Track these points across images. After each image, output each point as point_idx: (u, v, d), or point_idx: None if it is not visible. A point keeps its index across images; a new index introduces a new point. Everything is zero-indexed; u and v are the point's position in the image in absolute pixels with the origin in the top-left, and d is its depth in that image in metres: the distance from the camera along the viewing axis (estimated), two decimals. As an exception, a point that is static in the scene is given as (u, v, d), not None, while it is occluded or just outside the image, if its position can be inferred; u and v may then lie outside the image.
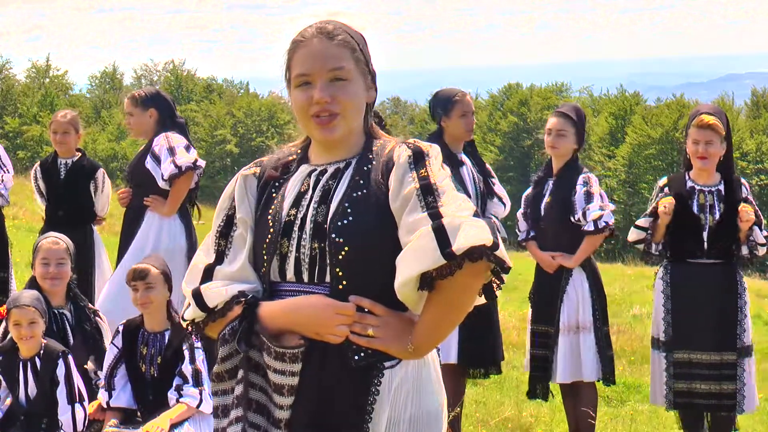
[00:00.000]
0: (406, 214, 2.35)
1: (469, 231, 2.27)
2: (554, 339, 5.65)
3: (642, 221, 5.55)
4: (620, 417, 7.07)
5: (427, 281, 2.29)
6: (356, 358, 2.37)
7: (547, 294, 5.75)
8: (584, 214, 5.56)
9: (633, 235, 5.60)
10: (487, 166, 6.04)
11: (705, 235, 5.41)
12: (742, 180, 5.64)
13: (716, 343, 5.39)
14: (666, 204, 5.36)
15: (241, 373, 2.43)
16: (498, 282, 2.37)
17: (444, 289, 2.31)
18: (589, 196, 5.59)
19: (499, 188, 5.95)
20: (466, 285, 2.32)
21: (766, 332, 11.89)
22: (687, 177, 5.51)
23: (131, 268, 4.94)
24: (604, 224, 5.55)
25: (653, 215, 5.48)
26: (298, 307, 2.40)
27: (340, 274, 2.38)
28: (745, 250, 5.44)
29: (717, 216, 5.40)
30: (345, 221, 2.39)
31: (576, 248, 5.67)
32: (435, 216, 2.30)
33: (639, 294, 14.30)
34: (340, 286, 2.38)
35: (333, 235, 2.38)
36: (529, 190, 5.97)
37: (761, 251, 5.45)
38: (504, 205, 5.92)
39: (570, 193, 5.64)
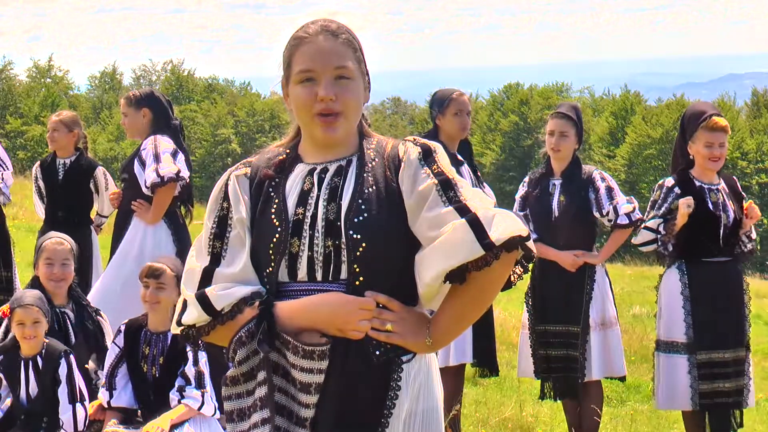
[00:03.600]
0: (426, 209, 2.37)
1: (504, 222, 2.32)
2: (583, 337, 5.59)
3: (652, 223, 5.49)
4: (620, 417, 7.07)
5: (458, 274, 2.32)
6: (377, 353, 2.38)
7: (563, 293, 5.68)
8: (615, 209, 5.57)
9: (642, 237, 5.53)
10: (476, 168, 6.03)
11: (721, 233, 5.42)
12: (734, 177, 5.70)
13: (733, 341, 5.42)
14: (689, 203, 5.33)
15: (261, 375, 2.40)
16: (521, 272, 2.42)
17: (476, 281, 2.35)
18: (611, 191, 5.63)
19: (488, 190, 5.95)
20: (499, 275, 2.37)
21: (766, 332, 11.89)
22: (692, 177, 5.50)
23: (146, 265, 4.93)
24: (637, 216, 5.59)
25: (663, 216, 5.44)
26: (319, 305, 2.39)
27: (357, 270, 2.38)
28: (743, 246, 5.50)
29: (730, 213, 5.42)
30: (360, 217, 2.39)
31: (591, 245, 5.71)
32: (463, 210, 2.35)
33: (639, 294, 14.29)
34: (357, 282, 2.39)
35: (350, 232, 2.38)
36: (523, 191, 5.92)
37: (751, 246, 5.52)
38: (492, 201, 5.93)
39: (586, 191, 5.65)
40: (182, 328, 2.52)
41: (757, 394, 5.84)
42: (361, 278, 2.39)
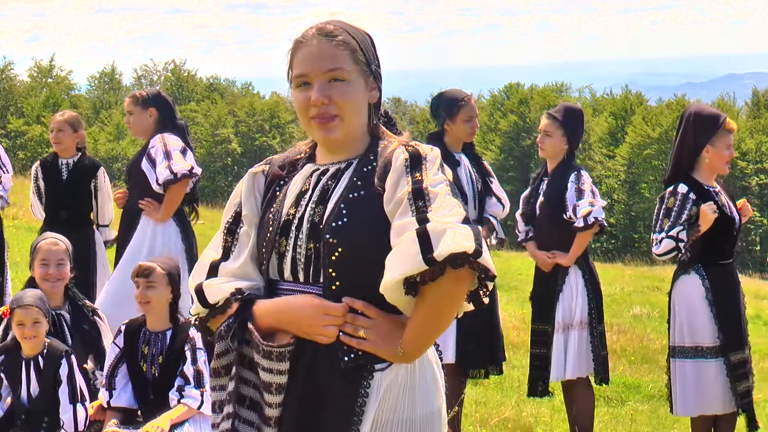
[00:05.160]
0: (397, 217, 2.33)
1: (453, 238, 2.23)
2: (551, 337, 5.69)
3: (674, 231, 5.33)
4: (620, 417, 7.08)
5: (411, 286, 2.27)
6: (345, 359, 2.37)
7: (544, 292, 5.80)
8: (574, 211, 5.61)
9: (665, 246, 5.35)
10: (486, 165, 6.06)
11: (735, 234, 5.43)
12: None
13: (746, 340, 5.42)
14: (715, 209, 5.27)
15: (234, 370, 2.46)
16: (484, 290, 2.32)
17: (428, 295, 2.29)
18: (579, 193, 5.64)
19: (497, 188, 5.97)
20: (449, 291, 2.29)
21: (766, 332, 11.89)
22: (698, 181, 5.48)
23: (137, 264, 4.94)
24: (593, 220, 5.58)
25: (685, 224, 5.36)
26: (289, 307, 2.41)
27: (333, 274, 2.38)
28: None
29: (736, 215, 5.43)
30: (339, 222, 2.39)
31: (569, 246, 5.71)
32: (422, 221, 2.28)
33: (639, 294, 14.29)
34: (333, 287, 2.39)
35: (327, 236, 2.38)
36: (526, 191, 6.04)
37: (742, 245, 5.54)
38: (503, 205, 5.95)
39: (562, 192, 5.69)
40: (194, 317, 2.60)
41: (757, 395, 5.83)
42: (337, 283, 2.38)
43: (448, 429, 5.57)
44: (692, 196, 5.36)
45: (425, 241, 2.24)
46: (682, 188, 5.39)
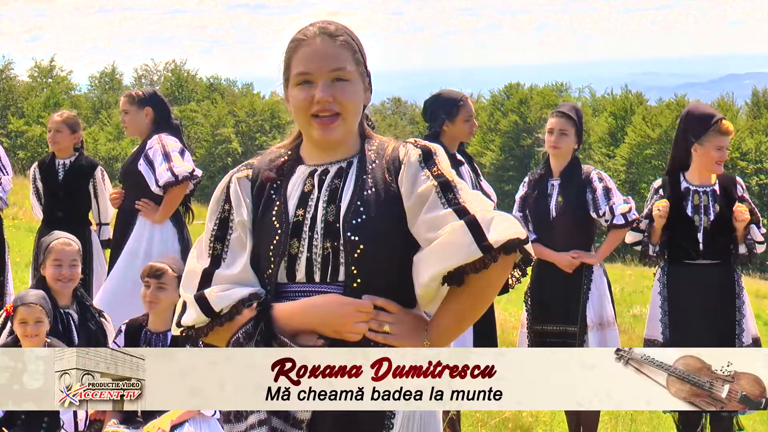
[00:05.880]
0: (425, 211, 2.37)
1: (503, 224, 2.33)
2: (580, 338, 5.61)
3: (641, 225, 5.58)
4: (620, 417, 7.08)
5: (456, 276, 2.32)
6: None
7: (561, 293, 5.70)
8: (611, 209, 5.60)
9: (630, 237, 5.65)
10: (474, 164, 6.03)
11: (700, 236, 5.41)
12: (737, 178, 5.65)
13: (713, 344, 5.34)
14: (660, 207, 5.37)
15: None
16: (519, 275, 2.43)
17: (474, 283, 2.34)
18: (608, 192, 5.66)
19: (486, 186, 5.95)
20: (497, 278, 2.37)
21: (767, 332, 11.90)
22: (682, 178, 5.51)
23: (148, 264, 4.95)
24: (633, 217, 5.62)
25: (649, 218, 5.49)
26: (316, 307, 2.39)
27: (355, 272, 2.38)
28: (743, 249, 5.46)
29: (711, 216, 5.41)
30: (359, 219, 2.40)
31: (589, 245, 5.73)
32: (462, 211, 2.35)
33: (639, 294, 14.31)
34: (355, 284, 2.39)
35: (348, 234, 2.39)
36: (522, 192, 5.94)
37: (760, 249, 5.47)
38: (492, 202, 5.92)
39: (584, 191, 5.68)
40: (182, 329, 2.51)
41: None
42: (358, 280, 2.39)
43: (447, 429, 5.58)
44: (660, 192, 5.46)
45: (476, 230, 2.31)
46: (656, 183, 5.62)
